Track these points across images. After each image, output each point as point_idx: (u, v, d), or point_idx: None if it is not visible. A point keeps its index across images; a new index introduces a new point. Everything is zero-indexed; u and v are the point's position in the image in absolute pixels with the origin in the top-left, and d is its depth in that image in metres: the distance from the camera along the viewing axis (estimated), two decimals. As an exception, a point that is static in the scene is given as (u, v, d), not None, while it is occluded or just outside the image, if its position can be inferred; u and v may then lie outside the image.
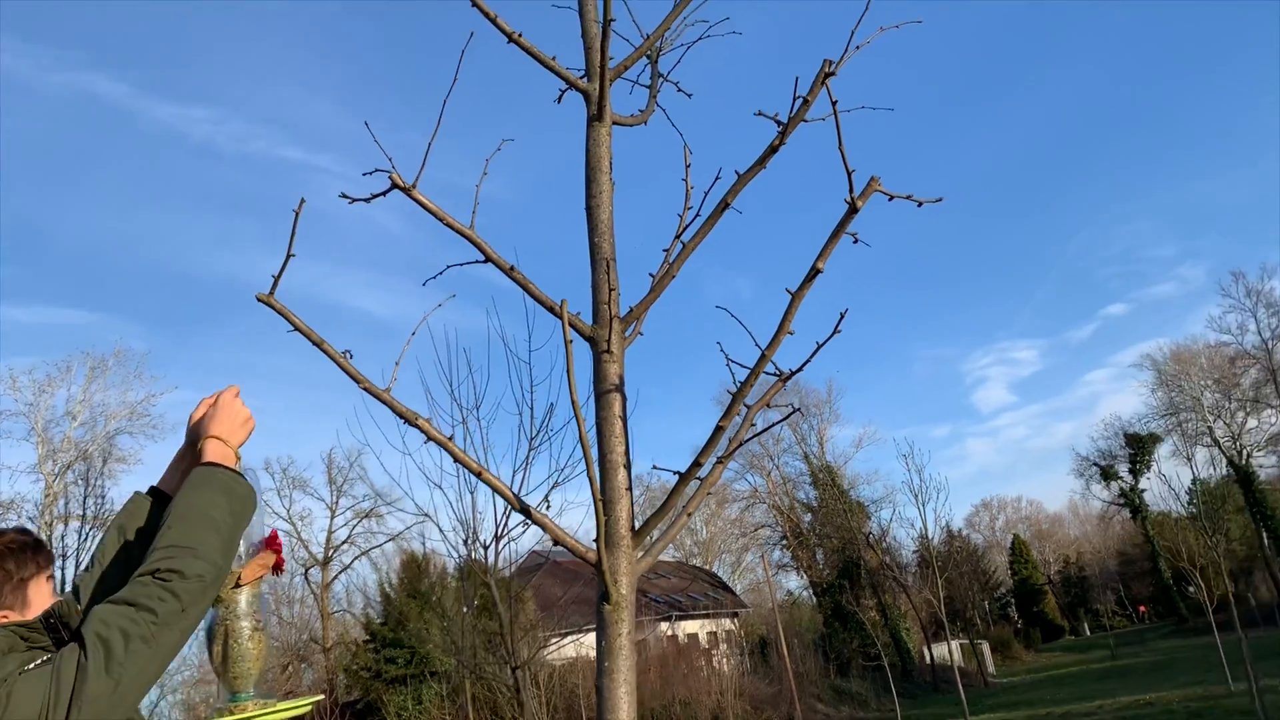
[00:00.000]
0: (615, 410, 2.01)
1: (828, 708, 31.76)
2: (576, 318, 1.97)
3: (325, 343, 1.92)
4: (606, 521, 1.88)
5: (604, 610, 1.86)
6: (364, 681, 28.91)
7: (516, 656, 8.02)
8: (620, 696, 1.81)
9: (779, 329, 1.90)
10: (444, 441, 1.92)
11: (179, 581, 1.62)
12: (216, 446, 1.92)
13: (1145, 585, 66.81)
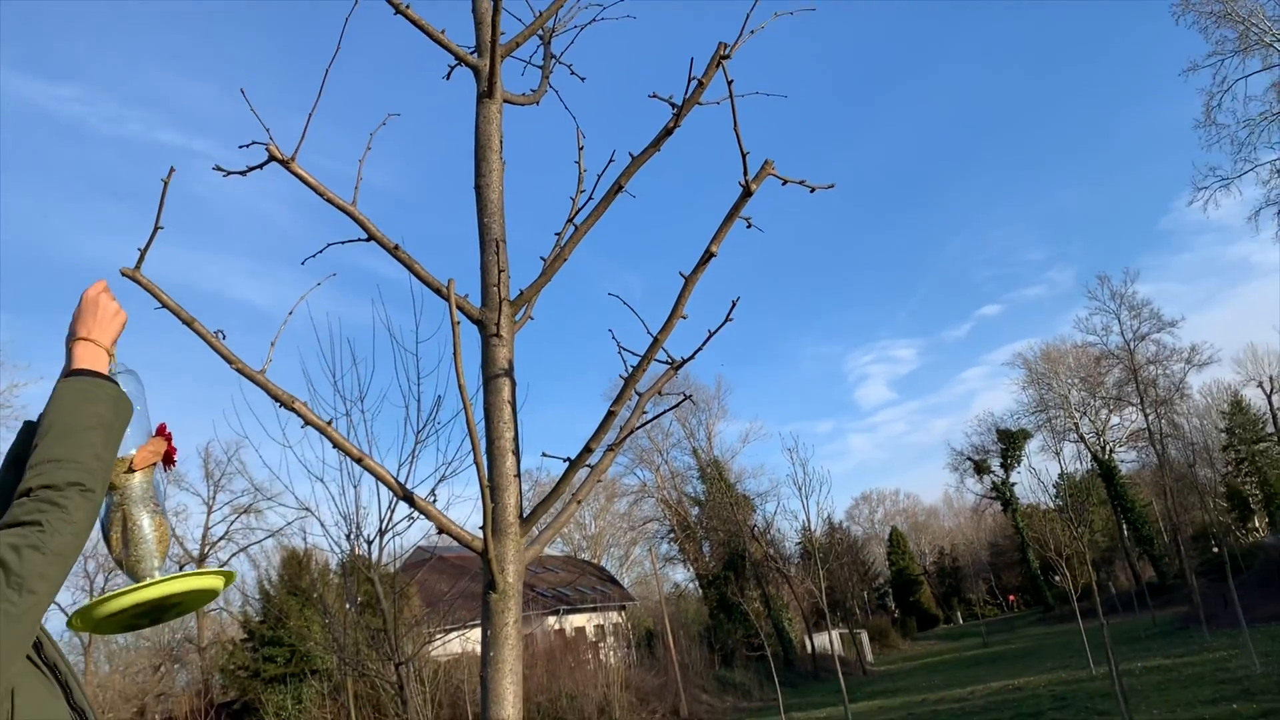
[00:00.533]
0: (504, 395, 1.96)
1: (712, 698, 32.20)
2: (465, 300, 1.91)
3: (196, 321, 1.82)
4: (494, 508, 1.83)
5: (490, 599, 1.81)
6: (241, 681, 28.02)
7: (401, 653, 7.86)
8: (505, 687, 1.77)
9: (672, 313, 1.89)
10: (322, 426, 1.83)
11: (54, 493, 1.63)
12: (84, 349, 1.86)
13: (1015, 575, 69.88)
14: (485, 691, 1.74)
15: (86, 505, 1.67)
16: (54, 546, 1.61)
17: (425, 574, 28.61)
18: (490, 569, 1.78)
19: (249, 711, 27.27)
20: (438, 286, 1.92)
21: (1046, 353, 56.97)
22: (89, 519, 1.68)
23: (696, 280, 1.86)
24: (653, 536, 52.12)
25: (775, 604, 42.62)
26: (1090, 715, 13.98)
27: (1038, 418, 56.85)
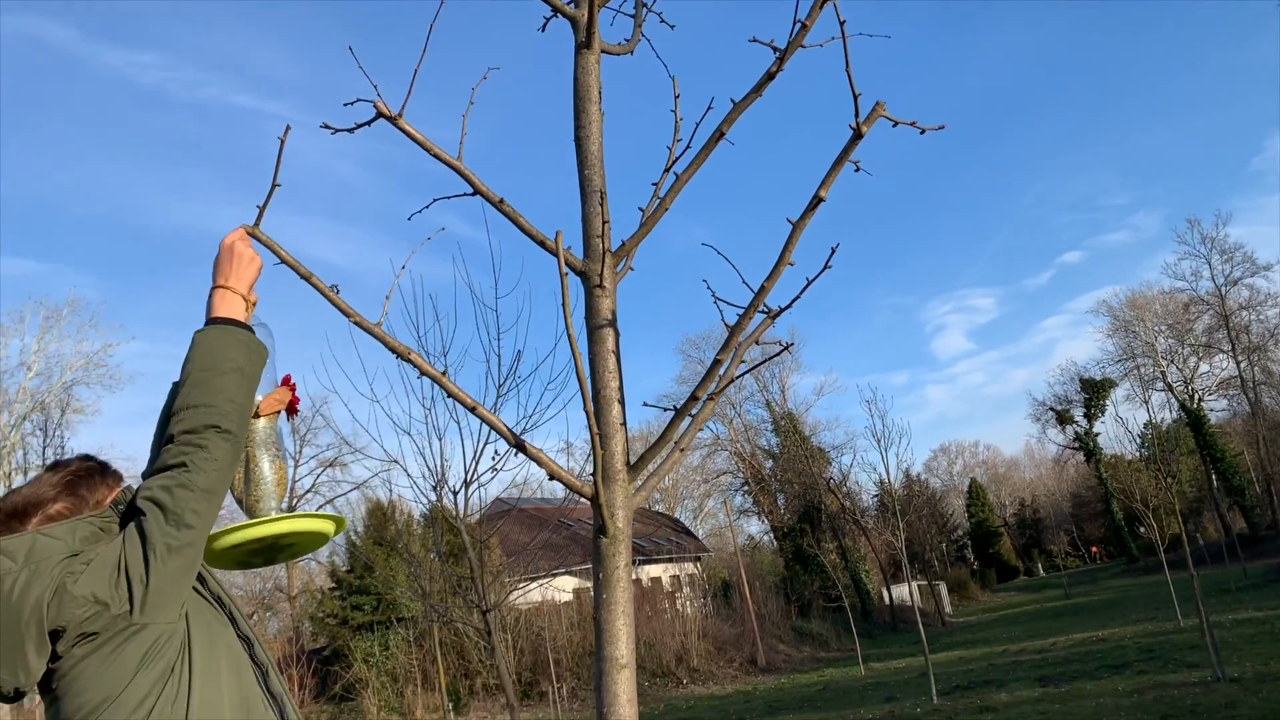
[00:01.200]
0: (609, 345, 1.99)
1: (789, 648, 32.40)
2: (569, 252, 1.94)
3: (314, 276, 1.89)
4: (603, 456, 1.86)
5: (601, 544, 1.86)
6: (330, 628, 29.05)
7: (487, 600, 8.05)
8: (619, 628, 1.82)
9: (779, 260, 1.88)
10: (437, 376, 1.89)
11: (194, 436, 1.78)
12: (221, 297, 1.99)
13: (1098, 526, 68.56)
14: (600, 632, 1.79)
15: (225, 445, 1.80)
16: (200, 484, 1.75)
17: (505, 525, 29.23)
18: (601, 514, 1.82)
19: (338, 658, 28.27)
20: (542, 239, 1.94)
21: (1132, 299, 55.30)
22: (230, 458, 1.81)
23: (804, 226, 1.85)
24: (726, 489, 52.31)
25: (852, 556, 42.55)
26: (1179, 667, 13.74)
27: (1123, 366, 55.40)
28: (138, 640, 1.64)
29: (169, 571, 1.68)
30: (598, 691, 1.79)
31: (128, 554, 1.68)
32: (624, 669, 1.79)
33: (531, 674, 26.57)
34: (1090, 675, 14.60)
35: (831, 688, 21.19)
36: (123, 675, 1.61)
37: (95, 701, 1.61)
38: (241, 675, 1.82)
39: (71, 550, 1.69)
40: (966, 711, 13.28)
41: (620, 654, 1.80)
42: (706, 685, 26.42)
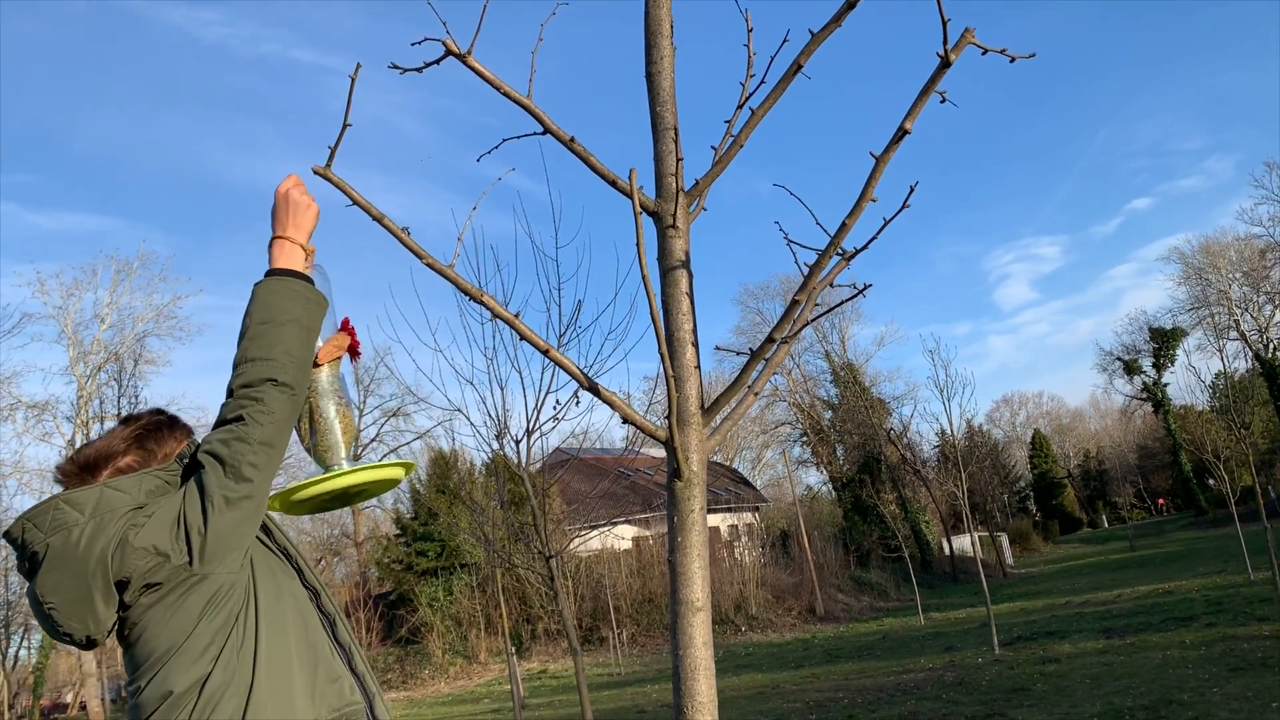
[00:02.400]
0: (682, 287, 1.95)
1: (848, 597, 32.45)
2: (641, 192, 1.90)
3: (386, 218, 1.88)
4: (677, 399, 1.84)
5: (676, 487, 1.84)
6: (395, 574, 29.77)
7: (549, 546, 8.15)
8: (694, 571, 1.81)
9: (861, 196, 1.82)
10: (510, 318, 1.88)
11: (251, 390, 1.80)
12: (280, 248, 1.99)
13: (1164, 478, 67.24)
14: (675, 575, 1.78)
15: (283, 398, 1.81)
16: (258, 436, 1.77)
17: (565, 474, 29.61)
18: (676, 458, 1.81)
19: (404, 602, 29.00)
20: (614, 178, 1.90)
21: (1205, 246, 53.55)
22: (287, 411, 1.82)
23: (888, 159, 1.78)
24: (785, 440, 52.20)
25: (912, 506, 42.31)
26: (1249, 620, 13.47)
27: (1194, 315, 53.86)
28: (200, 590, 1.68)
29: (227, 523, 1.70)
30: (673, 633, 1.79)
31: (187, 507, 1.71)
32: (699, 612, 1.78)
33: (592, 620, 27.00)
34: (1156, 628, 14.40)
35: (891, 636, 21.20)
36: (186, 624, 1.66)
37: (163, 649, 1.66)
38: (308, 624, 1.85)
39: (136, 503, 1.73)
40: (1029, 661, 13.20)
41: (696, 597, 1.79)
42: (765, 633, 26.62)
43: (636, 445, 23.81)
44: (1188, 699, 8.87)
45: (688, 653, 1.74)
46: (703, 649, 1.74)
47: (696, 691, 1.70)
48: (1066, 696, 10.16)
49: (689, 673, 1.73)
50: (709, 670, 1.73)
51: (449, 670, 26.45)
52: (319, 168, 1.84)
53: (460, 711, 19.39)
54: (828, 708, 12.09)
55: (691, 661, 1.73)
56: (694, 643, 1.74)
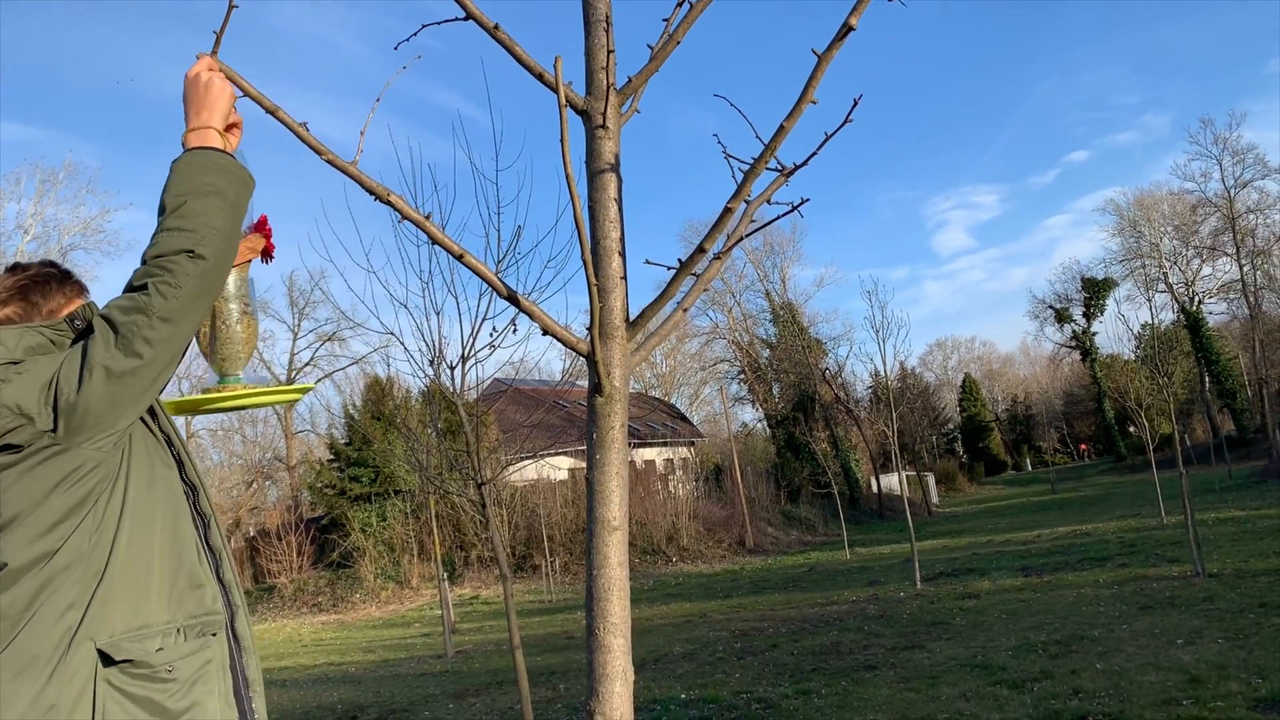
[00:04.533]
0: (610, 193, 1.84)
1: (778, 531, 33.07)
2: (569, 89, 1.78)
3: (280, 110, 1.72)
4: (601, 310, 1.75)
5: (596, 403, 1.76)
6: (329, 499, 29.56)
7: (482, 474, 8.06)
8: (612, 489, 1.74)
9: (802, 96, 1.73)
10: (420, 220, 1.75)
11: (163, 259, 1.64)
12: (199, 136, 1.83)
13: (1088, 424, 69.38)
14: (592, 493, 1.71)
15: (196, 271, 1.64)
16: (159, 310, 1.61)
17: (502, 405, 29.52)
18: (597, 372, 1.72)
19: (336, 527, 28.86)
20: (540, 71, 1.77)
21: (1140, 199, 54.62)
22: (199, 285, 1.65)
23: (831, 58, 1.69)
24: (723, 377, 52.60)
25: (843, 445, 43.04)
26: (1160, 561, 13.99)
27: (1125, 267, 55.10)
28: (59, 462, 1.54)
29: (103, 396, 1.55)
30: (589, 553, 1.72)
31: (63, 370, 1.56)
32: (616, 530, 1.71)
33: (525, 548, 27.16)
34: (1072, 567, 14.89)
35: (817, 569, 21.67)
36: (36, 494, 1.52)
37: (8, 517, 1.52)
38: (179, 521, 1.72)
39: (11, 358, 1.59)
40: (949, 597, 13.57)
41: (612, 516, 1.73)
42: (695, 564, 27.04)
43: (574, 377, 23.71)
44: (1098, 635, 9.19)
45: (602, 573, 1.68)
46: (617, 569, 1.68)
47: (610, 612, 1.64)
48: (984, 630, 10.46)
49: (603, 593, 1.66)
50: (623, 590, 1.67)
51: (380, 595, 26.48)
52: (204, 54, 1.67)
53: (391, 635, 19.44)
54: (752, 637, 12.32)
55: (606, 581, 1.67)
56: (609, 562, 1.68)
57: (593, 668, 1.67)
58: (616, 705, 1.66)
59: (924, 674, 8.46)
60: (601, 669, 1.66)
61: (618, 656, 1.67)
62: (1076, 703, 6.79)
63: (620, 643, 1.68)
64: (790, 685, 8.72)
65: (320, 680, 13.65)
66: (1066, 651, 8.59)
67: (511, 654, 7.58)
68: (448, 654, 14.51)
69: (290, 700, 11.97)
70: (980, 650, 9.24)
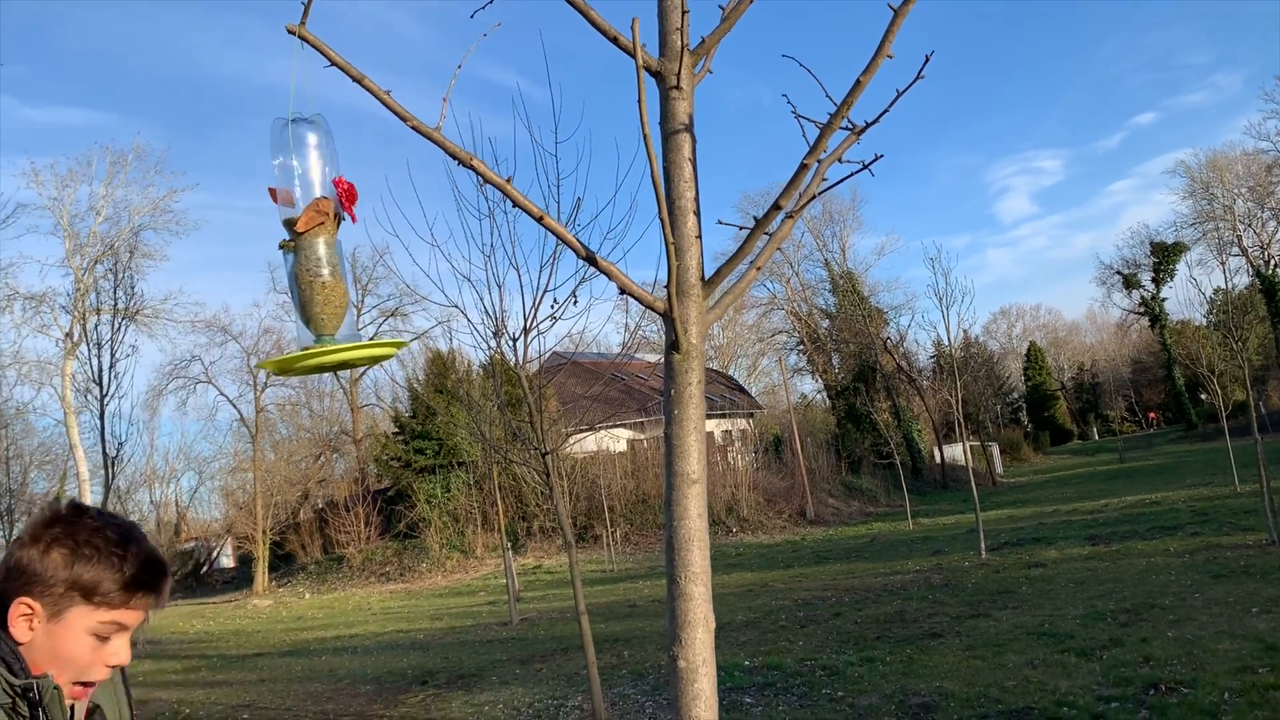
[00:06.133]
0: (685, 153, 1.87)
1: (838, 502, 32.94)
2: (644, 50, 1.81)
3: (366, 78, 1.77)
4: (677, 268, 1.78)
5: (673, 360, 1.80)
6: (394, 470, 30.13)
7: (545, 443, 8.17)
8: (690, 443, 1.78)
9: (877, 52, 1.73)
10: (501, 184, 1.80)
11: None
12: None
13: (1157, 392, 67.74)
14: (671, 449, 1.75)
15: None
16: None
17: (561, 378, 29.78)
18: (674, 329, 1.76)
19: (402, 498, 29.42)
20: (615, 34, 1.80)
21: (1212, 160, 52.79)
22: None
23: (907, 12, 1.69)
24: (781, 348, 52.27)
25: (905, 415, 42.62)
26: (1233, 530, 13.69)
27: (1196, 230, 53.46)
28: None
29: None
30: (668, 506, 1.76)
31: None
32: (695, 484, 1.75)
33: (586, 519, 27.43)
34: (1142, 536, 14.63)
35: (879, 540, 21.57)
36: None
37: None
38: None
39: None
40: (1014, 566, 13.45)
41: (692, 469, 1.76)
42: (755, 535, 27.08)
43: (632, 350, 23.80)
44: (1169, 603, 9.05)
45: (682, 524, 1.72)
46: (697, 520, 1.72)
47: (691, 561, 1.69)
48: (1050, 599, 10.36)
49: (684, 543, 1.71)
50: (703, 541, 1.71)
51: (446, 564, 26.98)
52: (293, 26, 1.72)
53: (457, 603, 19.82)
54: (815, 605, 12.34)
55: (686, 532, 1.71)
56: (689, 514, 1.72)
57: (674, 615, 1.72)
58: (699, 650, 1.70)
59: (990, 642, 8.42)
60: (684, 615, 1.71)
61: (699, 604, 1.72)
62: (1147, 670, 6.72)
63: (701, 590, 1.72)
64: (854, 652, 8.74)
65: (390, 646, 14.00)
66: (1136, 620, 8.49)
67: (577, 620, 7.71)
68: (513, 621, 14.77)
69: (362, 665, 12.31)
70: (1047, 618, 9.16)
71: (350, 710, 9.32)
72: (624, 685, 8.65)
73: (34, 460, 32.68)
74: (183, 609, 27.27)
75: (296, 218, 1.81)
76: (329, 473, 38.55)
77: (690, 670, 1.63)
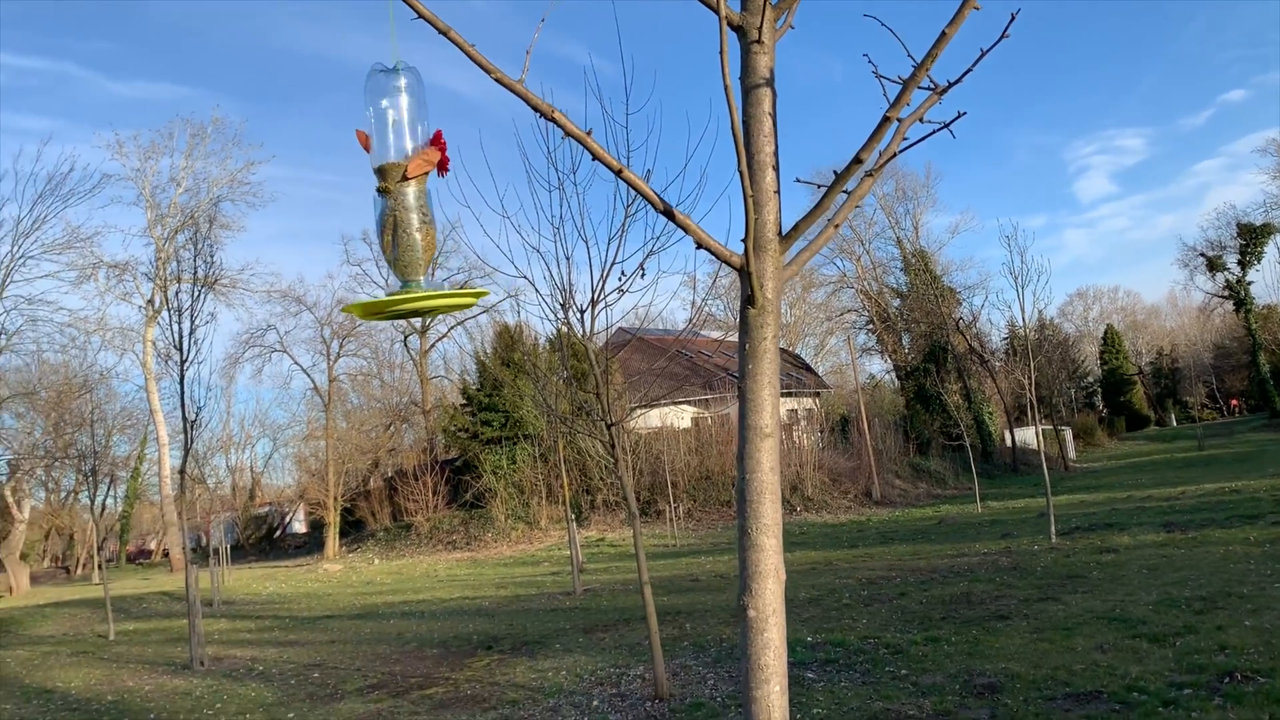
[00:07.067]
0: (765, 107, 1.87)
1: (905, 484, 32.59)
2: (725, 3, 1.80)
3: (452, 30, 1.80)
4: (755, 222, 1.78)
5: (749, 314, 1.80)
6: (462, 441, 30.60)
7: (611, 414, 8.23)
8: (764, 398, 1.79)
9: (964, 3, 1.71)
10: (582, 136, 1.82)
11: None
12: None
13: (1240, 379, 65.60)
14: (744, 401, 1.76)
15: None
16: None
17: (626, 354, 29.91)
18: (750, 283, 1.76)
19: (468, 469, 29.87)
20: (698, -12, 1.81)
21: (1308, 138, 50.63)
22: None
23: (995, -39, 1.67)
24: (850, 327, 51.70)
25: (976, 397, 41.91)
26: (1319, 521, 13.24)
27: (1289, 211, 51.40)
28: None
29: None
30: (741, 459, 1.78)
31: None
32: (768, 437, 1.76)
33: (650, 494, 27.56)
34: (1220, 524, 14.22)
35: (947, 522, 21.31)
36: None
37: None
38: None
39: None
40: (1085, 551, 13.19)
41: (765, 423, 1.78)
42: (820, 514, 26.94)
43: (698, 326, 23.73)
44: (1247, 592, 8.80)
45: (754, 476, 1.73)
46: (769, 474, 1.73)
47: (762, 513, 1.70)
48: (1122, 585, 10.15)
49: (755, 495, 1.72)
50: (775, 494, 1.72)
51: (511, 535, 27.35)
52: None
53: (522, 573, 20.11)
54: (879, 585, 12.26)
55: (758, 485, 1.72)
56: (761, 467, 1.73)
57: (745, 565, 1.74)
58: (769, 601, 1.72)
59: (1058, 625, 8.28)
60: (755, 566, 1.72)
61: (770, 555, 1.73)
62: (1222, 658, 6.56)
63: (773, 543, 1.73)
64: (919, 632, 8.67)
65: (456, 612, 14.27)
66: (1212, 608, 8.27)
67: (640, 591, 7.78)
68: (576, 591, 14.94)
69: (429, 630, 12.57)
70: (1119, 604, 8.98)
71: (417, 672, 9.54)
72: (686, 656, 8.71)
73: (116, 424, 33.91)
74: (256, 571, 28.11)
75: (393, 163, 1.86)
76: (398, 442, 39.31)
77: (760, 619, 1.65)
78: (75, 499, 38.33)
